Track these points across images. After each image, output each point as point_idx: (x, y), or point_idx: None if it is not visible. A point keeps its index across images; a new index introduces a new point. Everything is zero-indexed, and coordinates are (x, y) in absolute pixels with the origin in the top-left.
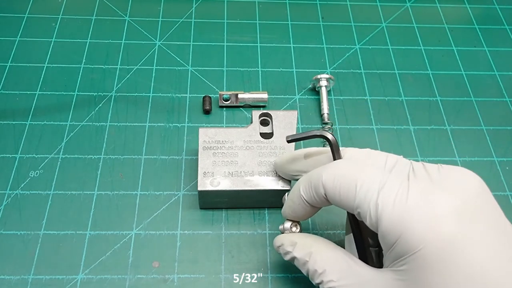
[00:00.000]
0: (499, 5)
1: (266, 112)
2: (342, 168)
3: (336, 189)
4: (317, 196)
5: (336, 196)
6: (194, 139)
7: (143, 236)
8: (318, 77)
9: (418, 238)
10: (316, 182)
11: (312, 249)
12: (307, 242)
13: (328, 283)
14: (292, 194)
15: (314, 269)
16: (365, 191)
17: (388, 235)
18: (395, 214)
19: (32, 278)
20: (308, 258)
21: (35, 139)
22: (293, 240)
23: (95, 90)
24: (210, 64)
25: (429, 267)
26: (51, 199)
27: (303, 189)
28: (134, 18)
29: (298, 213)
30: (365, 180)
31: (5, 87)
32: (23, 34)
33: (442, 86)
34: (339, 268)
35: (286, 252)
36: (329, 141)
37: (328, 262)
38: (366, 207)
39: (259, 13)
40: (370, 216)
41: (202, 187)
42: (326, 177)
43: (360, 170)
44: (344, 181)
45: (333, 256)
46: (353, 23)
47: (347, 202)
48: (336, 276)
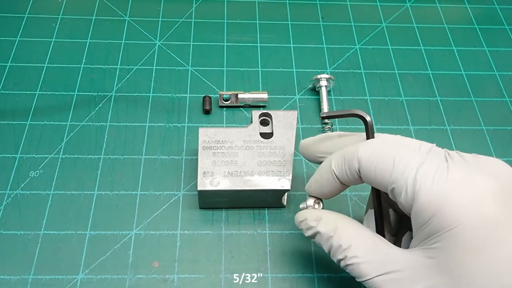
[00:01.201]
0: (499, 5)
1: (266, 112)
2: (379, 144)
3: (372, 164)
4: (349, 171)
5: (371, 171)
6: (194, 139)
7: (143, 236)
8: (318, 77)
9: (456, 215)
10: (351, 157)
11: (337, 224)
12: (332, 218)
13: (352, 258)
14: (321, 169)
15: (338, 244)
16: (403, 167)
17: (424, 211)
18: (434, 190)
19: (32, 278)
20: (333, 233)
21: (35, 139)
22: (317, 215)
23: (95, 90)
24: (210, 64)
25: (465, 245)
26: (51, 199)
27: (335, 163)
28: (134, 18)
29: (325, 189)
30: (403, 157)
31: (5, 87)
32: (23, 34)
33: (442, 86)
34: (365, 245)
35: (308, 227)
36: (365, 121)
37: (354, 238)
38: (402, 182)
39: (259, 13)
40: (406, 192)
41: (202, 187)
42: (362, 152)
43: (398, 148)
44: (381, 156)
45: (359, 232)
46: (353, 23)
47: (381, 178)
48: (362, 252)
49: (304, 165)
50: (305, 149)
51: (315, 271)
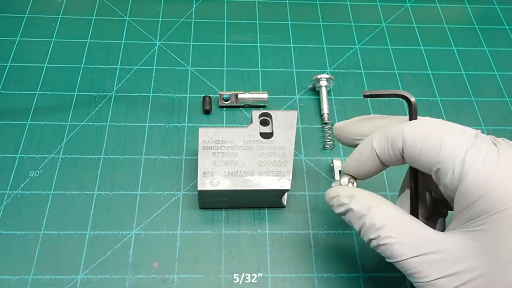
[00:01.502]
0: (499, 5)
1: (266, 112)
2: (426, 124)
3: (418, 143)
4: (392, 150)
5: (415, 151)
6: (194, 139)
7: (143, 236)
8: (318, 77)
9: (506, 197)
10: (395, 136)
11: (371, 203)
12: (367, 196)
13: (385, 238)
14: (361, 147)
15: (372, 223)
16: (451, 148)
17: (470, 192)
18: (483, 171)
19: (32, 278)
20: (366, 211)
21: (35, 139)
22: (351, 192)
23: (95, 90)
24: (210, 64)
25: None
26: (51, 199)
27: (377, 142)
28: (134, 18)
29: (363, 168)
30: (452, 138)
31: (5, 87)
32: (23, 34)
33: (442, 86)
34: (400, 225)
35: (341, 203)
36: (409, 102)
37: (388, 218)
38: (450, 163)
39: (259, 13)
40: (453, 173)
41: (202, 186)
42: (408, 131)
43: (446, 129)
44: (428, 136)
45: (394, 212)
46: (353, 23)
47: (427, 158)
48: (396, 232)
49: (304, 165)
50: (340, 131)
51: (315, 271)
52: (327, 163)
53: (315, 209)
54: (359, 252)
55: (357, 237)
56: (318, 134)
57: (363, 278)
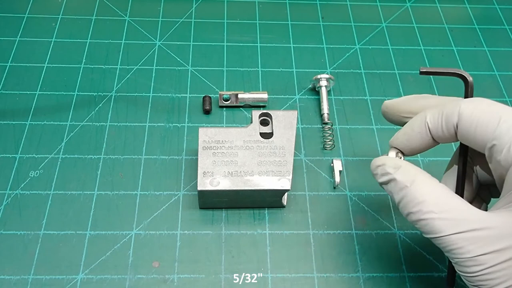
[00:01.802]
0: (499, 5)
1: (266, 112)
2: (484, 101)
3: (475, 119)
4: (446, 126)
5: (472, 126)
6: (194, 139)
7: (143, 236)
8: (318, 77)
9: None
10: (451, 111)
11: (416, 177)
12: (413, 169)
13: (427, 213)
14: (413, 121)
15: (414, 195)
16: (509, 124)
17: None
18: None
19: (32, 278)
20: (410, 184)
21: (35, 139)
22: (397, 163)
23: (95, 90)
24: (210, 64)
25: None
26: (51, 199)
27: (431, 117)
28: (134, 18)
29: (413, 142)
30: (510, 115)
31: (5, 87)
32: (23, 34)
33: (442, 86)
34: (443, 201)
35: (385, 172)
36: (466, 81)
37: (431, 193)
38: (507, 138)
39: (259, 13)
40: (509, 149)
41: (202, 186)
42: (465, 107)
43: (504, 107)
44: (486, 112)
45: (438, 189)
46: (353, 23)
47: (482, 134)
48: (438, 208)
49: (304, 165)
50: (389, 109)
51: (315, 271)
52: (327, 163)
53: (315, 209)
54: (359, 252)
55: (357, 237)
56: (318, 134)
57: (363, 278)
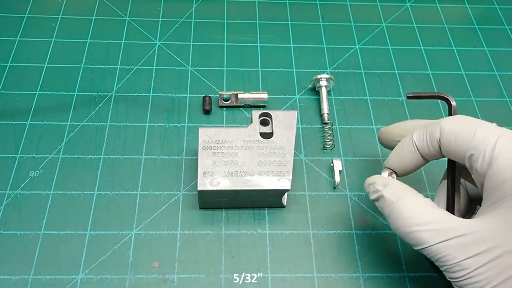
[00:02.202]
0: (499, 5)
1: (266, 112)
2: (462, 117)
3: (454, 133)
4: (430, 141)
5: (452, 140)
6: (194, 139)
7: (143, 236)
8: (318, 77)
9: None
10: (433, 128)
11: (402, 193)
12: (399, 186)
13: (413, 227)
14: (402, 142)
15: (400, 211)
16: (484, 135)
17: (499, 175)
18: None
19: (32, 278)
20: (396, 200)
21: (35, 139)
22: (386, 182)
23: (95, 90)
24: (210, 64)
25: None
26: (51, 199)
27: (417, 135)
28: (134, 18)
29: (404, 161)
30: (485, 128)
31: (5, 87)
32: (23, 34)
33: (442, 86)
34: (427, 214)
35: (375, 190)
36: (450, 104)
37: (416, 208)
38: (482, 148)
39: (259, 13)
40: (483, 157)
41: (202, 186)
42: (445, 123)
43: (480, 121)
44: (463, 126)
45: (421, 203)
46: (353, 23)
47: (461, 145)
48: (423, 221)
49: (304, 165)
50: (384, 134)
51: (315, 271)
52: (327, 163)
53: (315, 209)
54: (359, 252)
55: (357, 237)
56: (318, 134)
57: (363, 278)
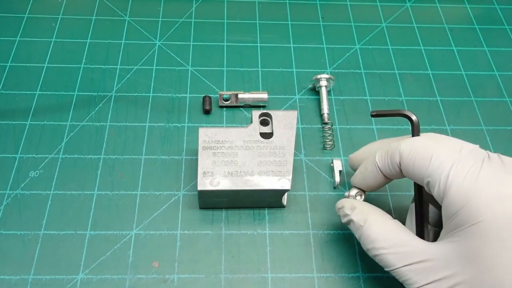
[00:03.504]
0: (499, 5)
1: (266, 112)
2: (420, 140)
3: (412, 158)
4: (391, 164)
5: (410, 165)
6: (194, 139)
7: (143, 236)
8: (318, 77)
9: (481, 209)
10: (393, 151)
11: (368, 216)
12: (365, 209)
13: (379, 249)
14: (366, 162)
15: (367, 233)
16: (439, 163)
17: (452, 204)
18: (464, 185)
19: (32, 278)
20: (363, 223)
21: (35, 139)
22: (353, 205)
23: (95, 90)
24: (210, 64)
25: (486, 239)
26: (51, 199)
27: (379, 157)
28: (134, 18)
29: (368, 181)
30: (441, 154)
31: (5, 87)
32: (23, 34)
33: (442, 86)
34: (392, 237)
35: (344, 214)
36: (411, 121)
37: (381, 231)
38: (437, 177)
39: (259, 13)
40: (439, 186)
41: (202, 186)
42: (404, 146)
43: (438, 146)
44: (420, 151)
45: (387, 226)
46: (353, 23)
47: (419, 171)
48: (388, 244)
49: (304, 165)
50: (354, 161)
51: (315, 271)
52: (327, 163)
53: (315, 209)
54: (359, 252)
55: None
56: (318, 134)
57: (363, 278)
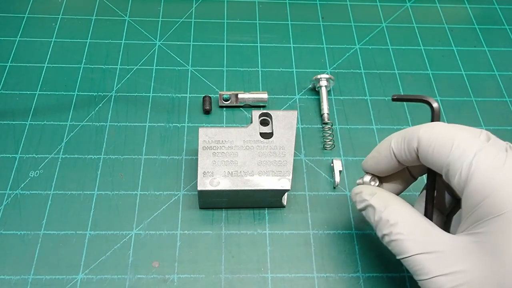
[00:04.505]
0: (499, 5)
1: (266, 112)
2: (441, 126)
3: (431, 144)
4: (408, 150)
5: (428, 151)
6: (194, 139)
7: (143, 236)
8: (318, 77)
9: (505, 200)
10: (411, 136)
11: (389, 201)
12: (386, 195)
13: (397, 235)
14: (379, 146)
15: (387, 219)
16: (461, 150)
17: (474, 195)
18: (487, 175)
19: (32, 278)
20: (384, 208)
21: (35, 139)
22: (373, 190)
23: (95, 90)
24: (210, 64)
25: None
26: (51, 199)
27: (395, 141)
28: (134, 18)
29: (381, 166)
30: (463, 141)
31: (5, 87)
32: (23, 34)
33: (442, 86)
34: (412, 224)
35: (362, 199)
36: (432, 107)
37: (402, 216)
38: (458, 165)
39: (259, 13)
40: (460, 174)
41: (202, 186)
42: (423, 131)
43: (459, 132)
44: (441, 137)
45: (409, 212)
46: (353, 23)
47: (438, 158)
48: (407, 230)
49: (304, 165)
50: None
51: (315, 271)
52: (327, 163)
53: (315, 209)
54: (359, 252)
55: (357, 237)
56: (318, 134)
57: (363, 278)
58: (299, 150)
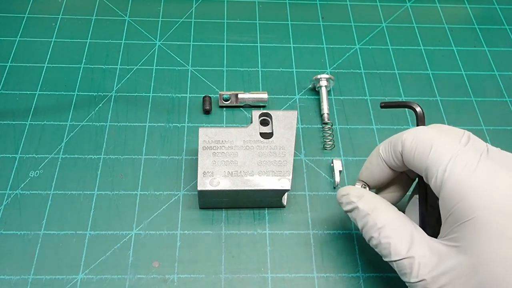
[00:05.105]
0: (499, 5)
1: (266, 112)
2: (422, 131)
3: (413, 148)
4: (394, 154)
5: (411, 155)
6: (194, 139)
7: (143, 236)
8: (318, 77)
9: (474, 205)
10: (396, 141)
11: (376, 205)
12: (373, 198)
13: (385, 238)
14: (370, 156)
15: (374, 222)
16: (437, 155)
17: (449, 200)
18: (460, 180)
19: (32, 278)
20: (371, 211)
21: (35, 139)
22: (360, 193)
23: (95, 90)
24: (210, 64)
25: (481, 235)
26: (51, 199)
27: (383, 148)
28: (134, 18)
29: (375, 174)
30: (440, 146)
31: (5, 87)
32: (23, 34)
33: (442, 86)
34: (399, 228)
35: (349, 201)
36: (415, 112)
37: (389, 220)
38: (434, 170)
39: (259, 13)
40: (435, 179)
41: (202, 186)
42: (406, 136)
43: (438, 136)
44: (421, 142)
45: (395, 216)
46: (353, 23)
47: (419, 162)
48: (395, 233)
49: (304, 165)
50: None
51: (315, 271)
52: (327, 163)
53: (315, 209)
54: (359, 252)
55: (357, 237)
56: (318, 134)
57: (363, 278)
58: (299, 150)
